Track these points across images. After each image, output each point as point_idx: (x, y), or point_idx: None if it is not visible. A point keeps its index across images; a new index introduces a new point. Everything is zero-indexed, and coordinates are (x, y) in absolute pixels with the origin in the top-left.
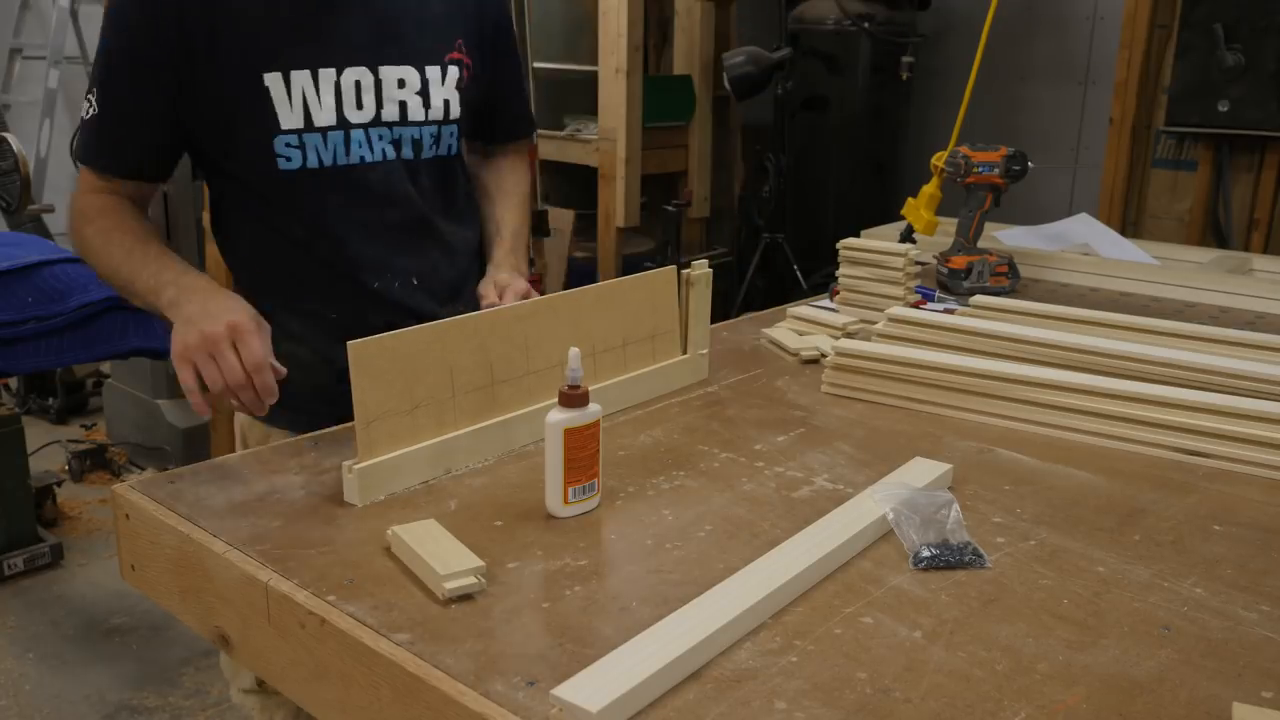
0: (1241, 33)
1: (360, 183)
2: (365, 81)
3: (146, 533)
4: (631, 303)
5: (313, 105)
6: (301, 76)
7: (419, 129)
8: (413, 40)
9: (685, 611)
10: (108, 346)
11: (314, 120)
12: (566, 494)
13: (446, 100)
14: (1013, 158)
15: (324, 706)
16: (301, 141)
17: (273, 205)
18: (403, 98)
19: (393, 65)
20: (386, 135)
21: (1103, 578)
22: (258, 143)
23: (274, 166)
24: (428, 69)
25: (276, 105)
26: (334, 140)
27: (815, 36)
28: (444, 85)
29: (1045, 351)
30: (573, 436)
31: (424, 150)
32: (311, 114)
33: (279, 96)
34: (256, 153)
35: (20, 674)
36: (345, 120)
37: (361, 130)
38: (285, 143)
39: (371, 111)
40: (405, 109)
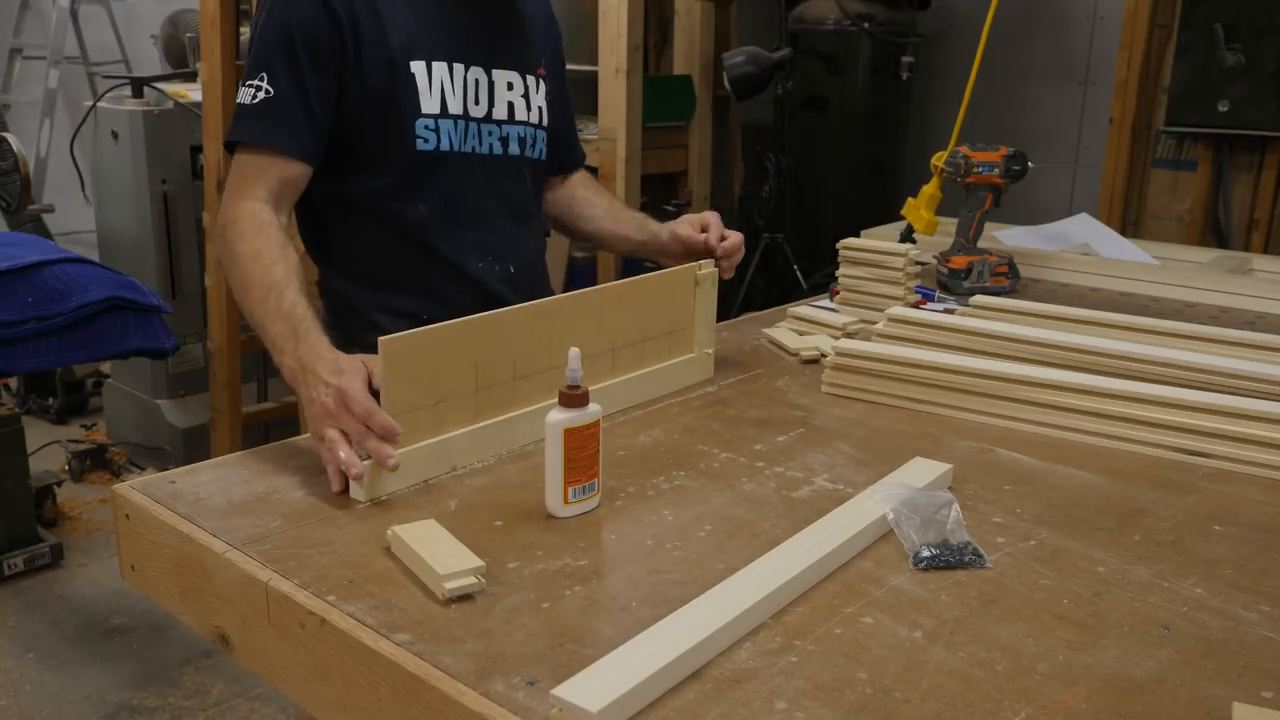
0: (1241, 33)
1: (483, 169)
2: (482, 81)
3: (146, 533)
4: (653, 300)
5: (448, 94)
6: (440, 68)
7: (523, 128)
8: (517, 49)
9: (685, 611)
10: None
11: (449, 107)
12: (566, 494)
13: (541, 107)
14: (1013, 158)
15: (324, 706)
16: (437, 126)
17: (399, 187)
18: (511, 99)
19: (503, 69)
20: (496, 131)
21: (1103, 578)
22: (399, 124)
23: (412, 147)
24: (528, 77)
25: (419, 91)
26: (460, 127)
27: (815, 36)
28: (538, 94)
29: (1045, 351)
30: (572, 436)
31: (527, 149)
32: (447, 101)
33: (422, 84)
34: (398, 134)
35: (20, 674)
36: (468, 113)
37: (476, 124)
38: (425, 125)
39: (485, 108)
40: (513, 109)
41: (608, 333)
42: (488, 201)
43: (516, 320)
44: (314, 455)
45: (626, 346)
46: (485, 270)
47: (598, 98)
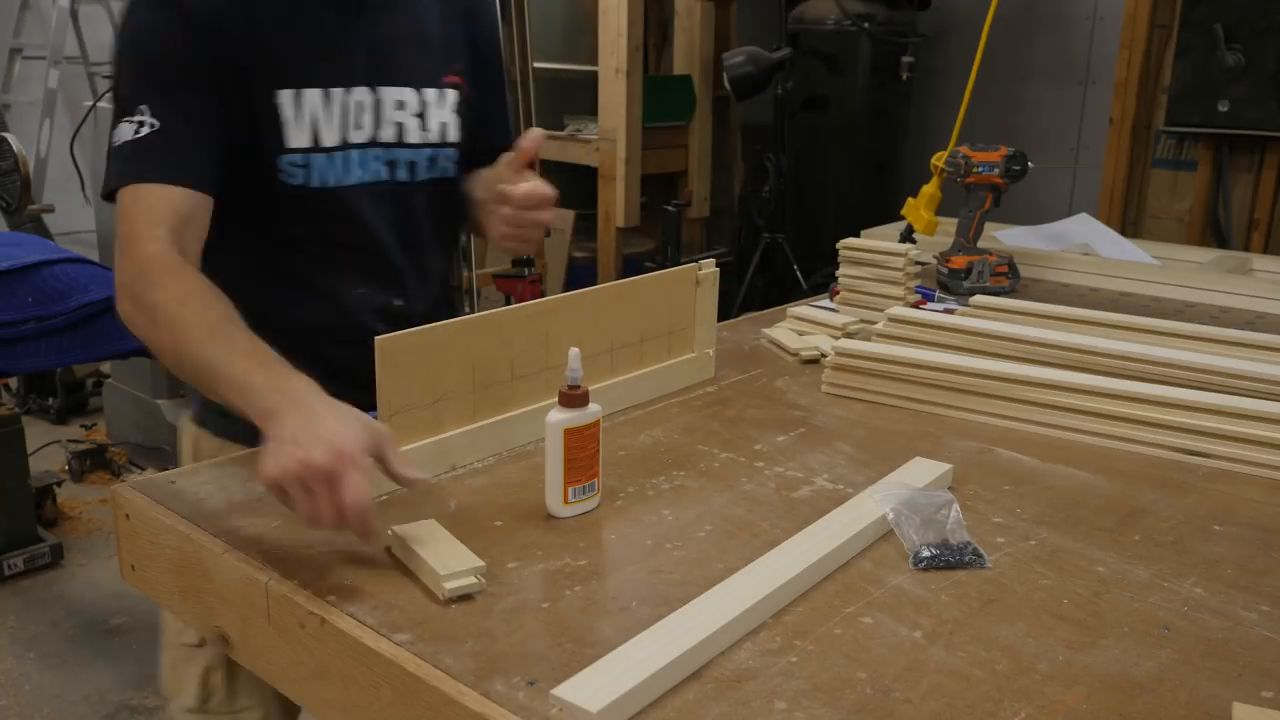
0: (1241, 33)
1: (354, 204)
2: (366, 101)
3: (146, 533)
4: (651, 300)
5: (322, 124)
6: (313, 95)
7: (415, 151)
8: (412, 62)
9: (685, 611)
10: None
11: (321, 140)
12: (566, 494)
13: (444, 124)
14: (1013, 158)
15: (324, 706)
16: (307, 161)
17: (267, 225)
18: (401, 119)
19: (393, 86)
20: (381, 156)
21: (1103, 578)
22: (262, 159)
23: (276, 184)
24: (426, 91)
25: (284, 123)
26: (337, 161)
27: (815, 36)
28: (441, 108)
29: (1045, 351)
30: (572, 436)
31: (421, 172)
32: (320, 133)
33: (288, 115)
34: (260, 169)
35: (20, 674)
36: (346, 141)
37: (358, 151)
38: (290, 161)
39: (369, 131)
40: (402, 130)
41: (607, 332)
42: (372, 234)
43: (515, 319)
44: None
45: (626, 346)
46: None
47: (598, 98)
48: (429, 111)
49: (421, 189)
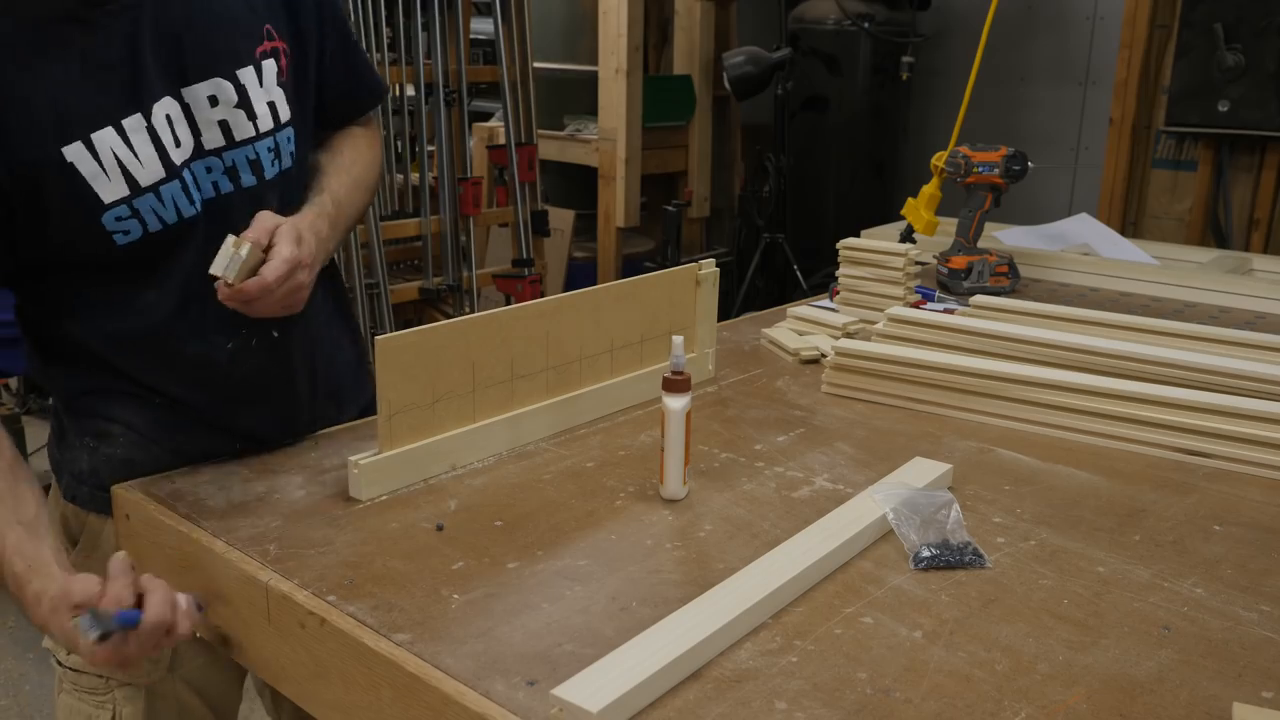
0: (1241, 33)
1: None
2: (175, 113)
3: (146, 533)
4: (651, 300)
5: (131, 165)
6: (106, 136)
7: (250, 147)
8: (211, 45)
9: (685, 611)
10: None
11: (139, 181)
12: (685, 475)
13: (271, 103)
14: (1013, 158)
15: (324, 706)
16: (134, 209)
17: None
18: (221, 116)
19: (196, 83)
20: (218, 165)
21: (1103, 578)
22: (83, 225)
23: (111, 245)
24: (240, 73)
25: (89, 178)
26: (168, 193)
27: (815, 36)
28: (263, 86)
29: (1045, 351)
30: (688, 420)
31: (267, 167)
32: (133, 175)
33: (89, 169)
34: (86, 236)
35: (20, 674)
36: (171, 165)
37: (187, 170)
38: (115, 216)
39: (190, 144)
40: (228, 128)
41: (607, 332)
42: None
43: (515, 319)
44: (314, 455)
45: (626, 346)
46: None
47: (598, 98)
48: (251, 96)
49: (274, 187)
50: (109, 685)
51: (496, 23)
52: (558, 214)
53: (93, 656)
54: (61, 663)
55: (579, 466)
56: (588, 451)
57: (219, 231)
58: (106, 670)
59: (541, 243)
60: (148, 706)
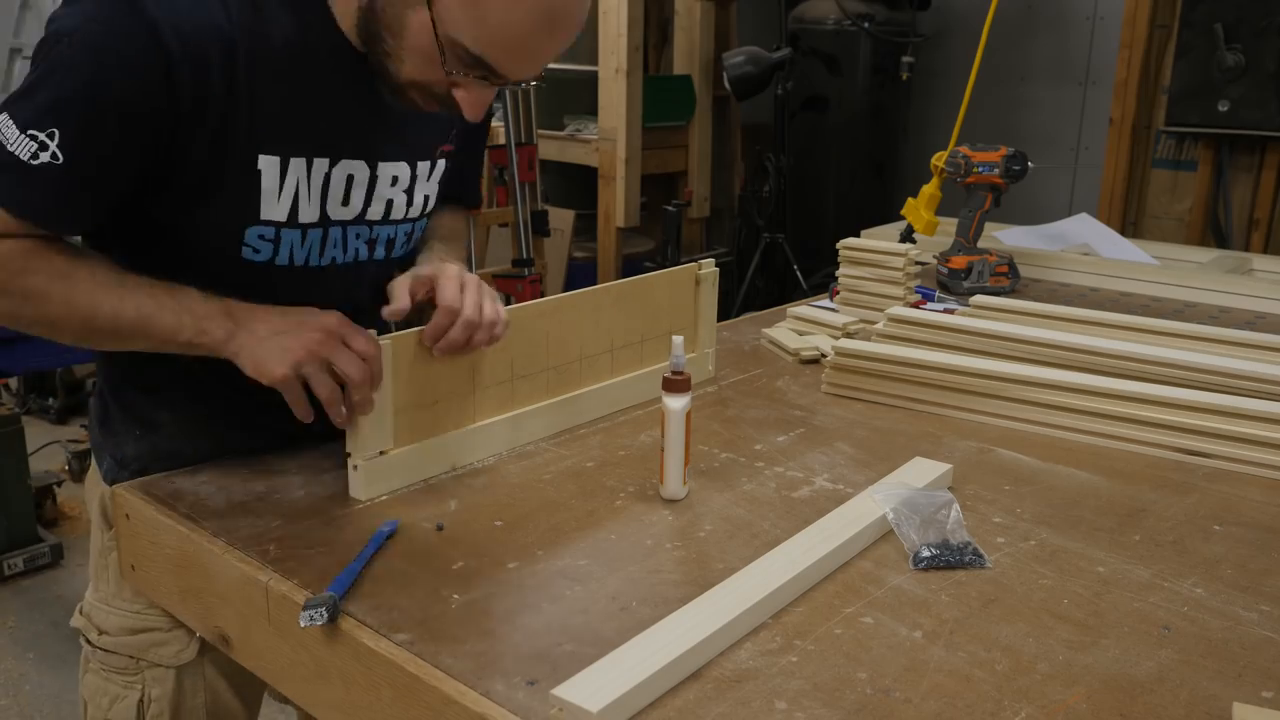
0: (1241, 33)
1: (337, 277)
2: (359, 176)
3: (146, 533)
4: (652, 300)
5: (301, 199)
6: (298, 165)
7: (396, 228)
8: (416, 134)
9: (685, 611)
10: None
11: (299, 215)
12: (685, 475)
13: (428, 196)
14: (1013, 158)
15: (324, 706)
16: (278, 235)
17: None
18: (392, 195)
19: (391, 161)
20: (365, 234)
21: (1103, 578)
22: (229, 229)
23: (237, 255)
24: (419, 164)
25: (264, 192)
26: (312, 238)
27: (815, 36)
28: (429, 181)
29: (1045, 351)
30: (688, 420)
31: (397, 248)
32: (299, 208)
33: (269, 184)
34: (224, 236)
35: (20, 674)
36: (327, 217)
37: (340, 228)
38: (259, 234)
39: (358, 208)
40: (390, 207)
41: (607, 332)
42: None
43: (516, 319)
44: (314, 455)
45: (626, 346)
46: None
47: (598, 98)
48: (417, 185)
49: (392, 264)
50: (139, 666)
51: None
52: (558, 214)
53: None
54: (92, 642)
55: (579, 466)
56: (588, 451)
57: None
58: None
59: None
60: (175, 688)
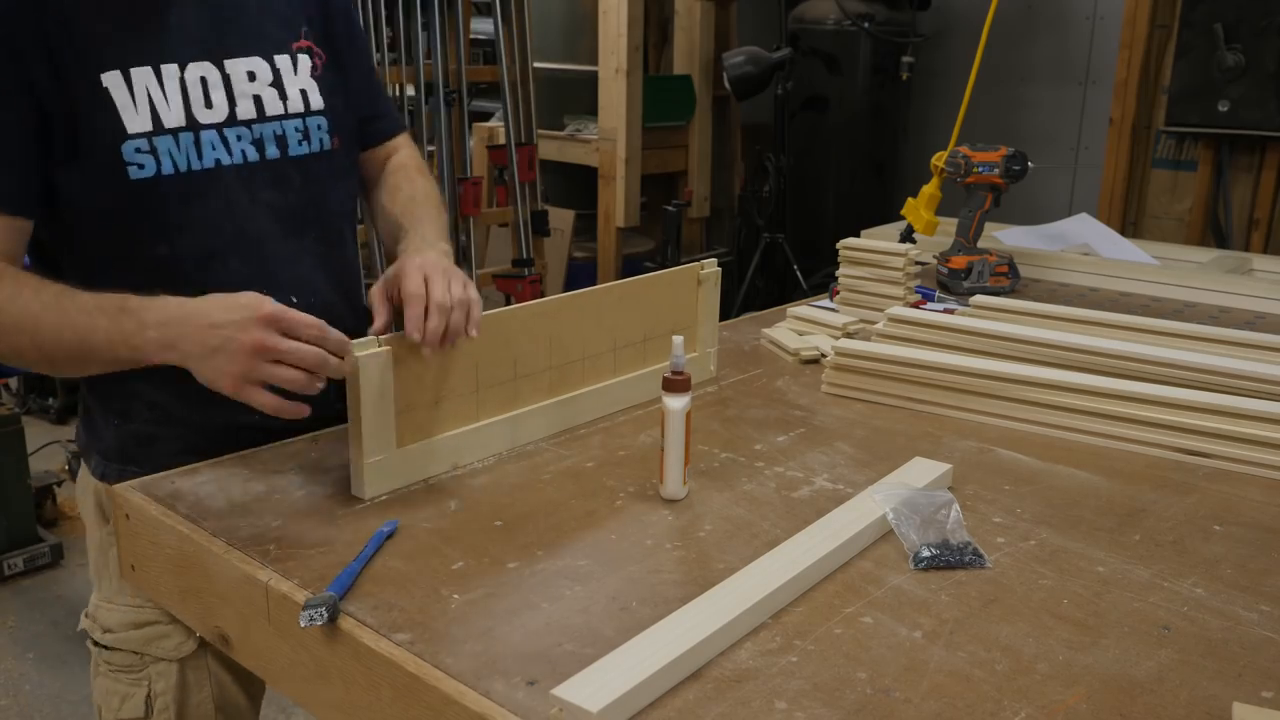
0: (1241, 33)
1: (238, 183)
2: (212, 78)
3: (146, 533)
4: (654, 300)
5: (159, 105)
6: (143, 74)
7: (279, 124)
8: (256, 29)
9: (685, 611)
10: None
11: (163, 121)
12: (685, 475)
13: (303, 90)
14: (1013, 158)
15: (324, 706)
16: (152, 145)
17: (127, 226)
18: (256, 91)
19: (239, 57)
20: (246, 135)
21: (1103, 578)
22: (104, 151)
23: (124, 177)
24: (277, 59)
25: (120, 107)
26: (185, 142)
27: (815, 36)
28: (297, 75)
29: (1045, 351)
30: (688, 420)
31: (293, 145)
32: (159, 114)
33: (121, 98)
34: (104, 163)
35: (20, 674)
36: (194, 120)
37: (214, 130)
38: (135, 148)
39: (224, 110)
40: (260, 103)
41: (609, 332)
42: (251, 222)
43: (518, 319)
44: (314, 455)
45: (628, 346)
46: None
47: (598, 98)
48: (285, 80)
49: (298, 165)
50: (144, 661)
51: (496, 23)
52: (558, 214)
53: None
54: (98, 643)
55: (579, 466)
56: (588, 451)
57: (240, 198)
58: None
59: (541, 243)
60: (180, 682)
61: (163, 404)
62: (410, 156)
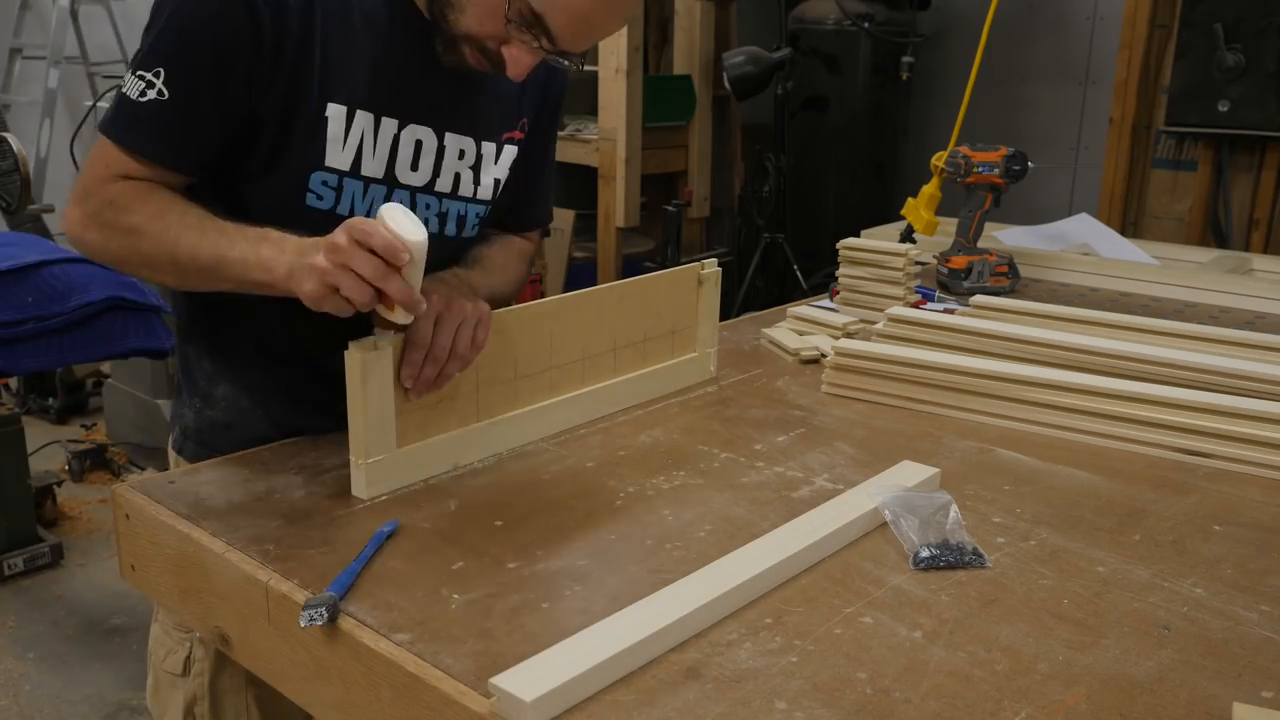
0: (1241, 33)
1: None
2: (428, 143)
3: (146, 533)
4: (655, 300)
5: (366, 150)
6: (364, 119)
7: (464, 204)
8: (480, 112)
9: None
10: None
11: (361, 167)
12: None
13: (497, 180)
14: (1013, 158)
15: (324, 706)
16: (340, 184)
17: None
18: (459, 169)
19: (458, 134)
20: (435, 206)
21: (1103, 578)
22: (296, 173)
23: (301, 202)
24: (484, 145)
25: (330, 139)
26: (374, 193)
27: (815, 36)
28: (497, 165)
29: (1045, 351)
30: None
31: (466, 229)
32: (362, 159)
33: (335, 130)
34: (290, 184)
35: (20, 674)
36: (394, 177)
37: (407, 192)
38: (322, 180)
39: (427, 176)
40: (458, 181)
41: (610, 332)
42: None
43: (519, 319)
44: (314, 455)
45: (629, 346)
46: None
47: (598, 98)
48: (484, 166)
49: (459, 245)
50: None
51: None
52: (558, 214)
53: None
54: None
55: (579, 466)
56: (588, 451)
57: None
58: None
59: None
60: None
61: (241, 396)
62: (522, 243)
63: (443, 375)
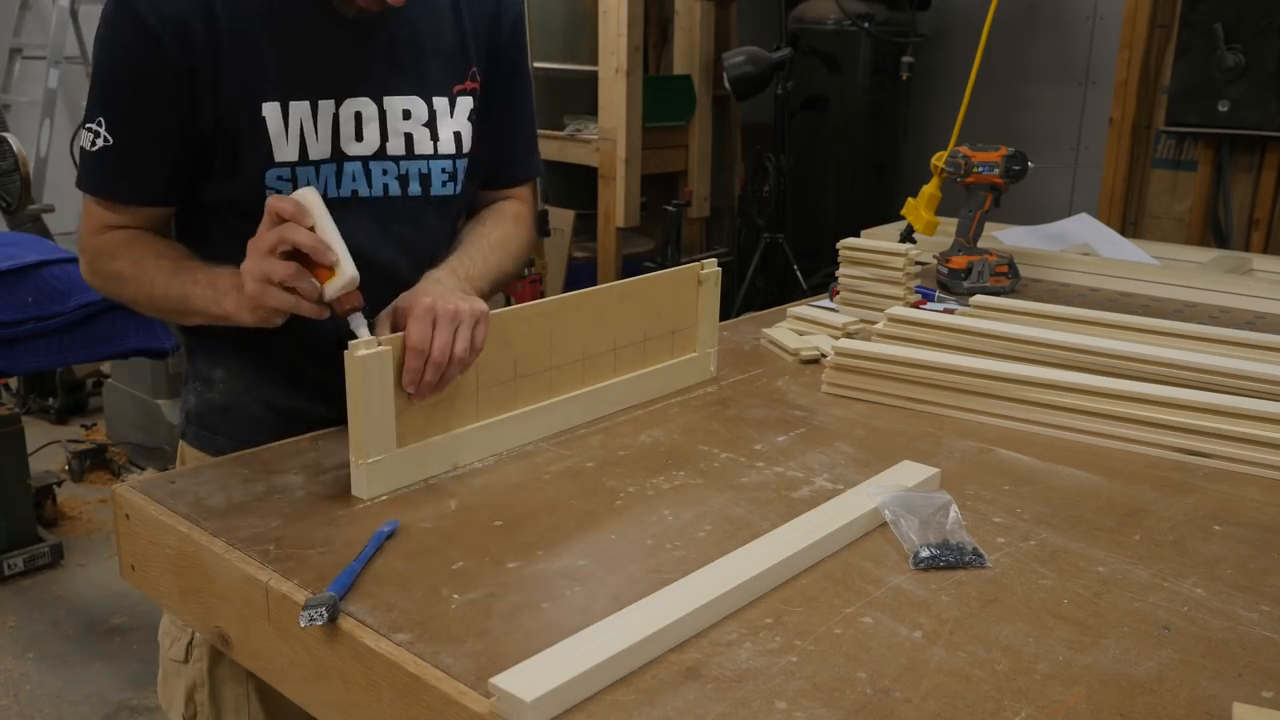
0: (1241, 33)
1: (370, 215)
2: (368, 112)
3: (146, 533)
4: (654, 300)
5: (309, 137)
6: (300, 107)
7: (425, 163)
8: (421, 69)
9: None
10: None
11: (309, 153)
12: None
13: (458, 133)
14: (1013, 158)
15: (324, 706)
16: (294, 174)
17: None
18: (409, 129)
19: (398, 95)
20: (393, 170)
21: (1103, 578)
22: (250, 174)
23: (264, 198)
24: (435, 100)
25: (273, 137)
26: (326, 172)
27: (815, 36)
28: (453, 118)
29: (1045, 351)
30: None
31: (434, 186)
32: (307, 146)
33: (275, 128)
34: (248, 184)
35: (20, 674)
36: (341, 152)
37: (359, 163)
38: (277, 175)
39: (375, 143)
40: (411, 141)
41: (610, 332)
42: (380, 251)
43: (519, 319)
44: (314, 455)
45: (629, 346)
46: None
47: (598, 98)
48: (439, 121)
49: (438, 204)
50: None
51: None
52: (558, 214)
53: None
54: None
55: (579, 466)
56: (588, 451)
57: (362, 221)
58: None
59: (541, 243)
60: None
61: (239, 377)
62: (515, 205)
63: (444, 379)
